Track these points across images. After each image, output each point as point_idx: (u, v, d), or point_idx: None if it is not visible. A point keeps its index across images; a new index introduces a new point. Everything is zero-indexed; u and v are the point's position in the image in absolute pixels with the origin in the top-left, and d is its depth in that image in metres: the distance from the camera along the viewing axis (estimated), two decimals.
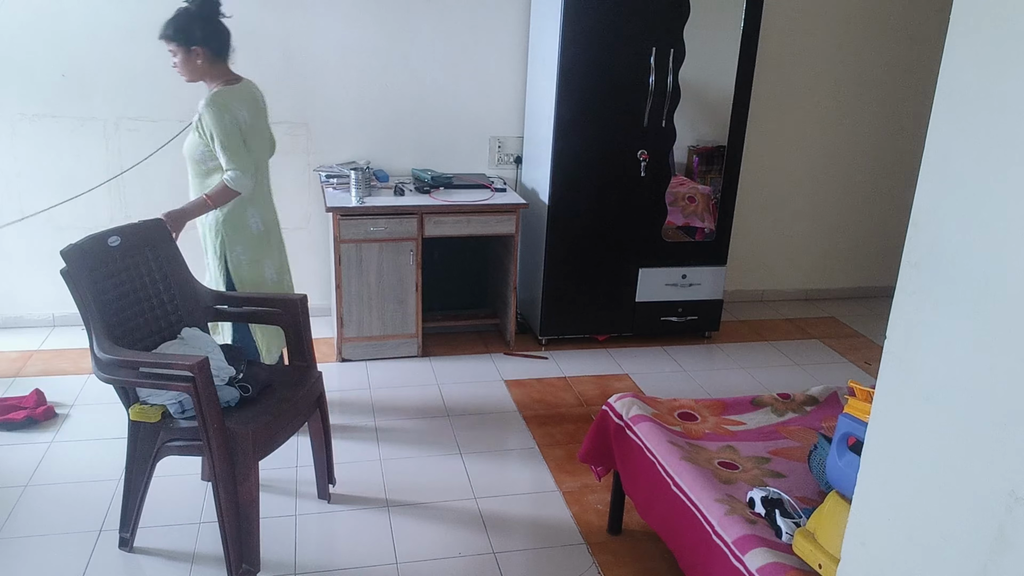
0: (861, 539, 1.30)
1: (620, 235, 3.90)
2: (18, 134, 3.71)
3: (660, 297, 4.05)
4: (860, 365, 4.03)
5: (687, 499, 2.09)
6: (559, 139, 3.70)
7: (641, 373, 3.81)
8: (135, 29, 3.66)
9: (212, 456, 2.18)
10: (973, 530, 1.07)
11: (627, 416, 2.44)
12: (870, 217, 4.87)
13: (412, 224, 3.62)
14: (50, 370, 3.56)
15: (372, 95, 3.99)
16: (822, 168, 4.69)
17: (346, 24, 3.86)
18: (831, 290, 5.00)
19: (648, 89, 3.67)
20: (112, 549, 2.44)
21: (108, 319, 2.28)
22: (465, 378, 3.69)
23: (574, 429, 3.25)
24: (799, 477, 2.19)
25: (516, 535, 2.60)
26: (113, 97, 3.75)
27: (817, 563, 1.76)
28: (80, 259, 2.25)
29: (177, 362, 2.15)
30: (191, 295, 2.59)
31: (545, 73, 3.76)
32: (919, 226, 1.15)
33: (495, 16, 4.00)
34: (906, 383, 1.18)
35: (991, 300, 1.04)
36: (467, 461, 3.00)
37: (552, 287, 3.93)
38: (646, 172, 3.81)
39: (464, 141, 4.17)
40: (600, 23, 3.56)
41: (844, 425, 1.83)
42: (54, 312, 4.00)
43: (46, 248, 3.76)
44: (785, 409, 2.59)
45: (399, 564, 2.43)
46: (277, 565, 2.40)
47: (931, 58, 4.57)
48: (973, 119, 1.06)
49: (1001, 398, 1.03)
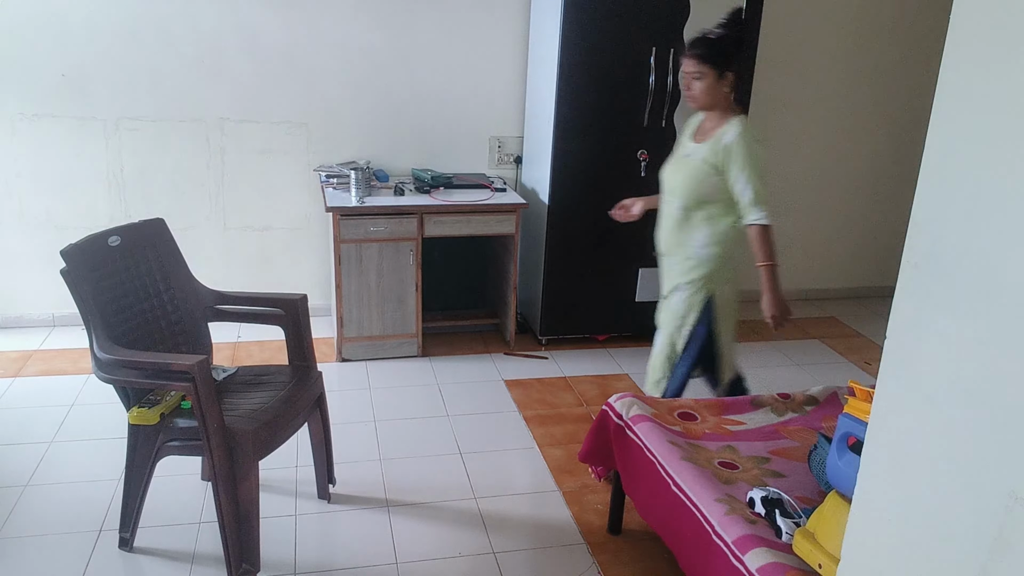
0: (861, 539, 1.30)
1: (620, 235, 3.90)
2: (18, 134, 3.71)
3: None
4: (860, 365, 4.03)
5: (687, 499, 2.09)
6: (559, 139, 3.69)
7: (641, 373, 3.78)
8: (135, 29, 3.67)
9: (212, 456, 2.18)
10: (973, 530, 1.07)
11: (627, 416, 2.44)
12: (870, 217, 4.87)
13: (412, 224, 3.62)
14: (50, 370, 3.56)
15: (372, 95, 3.99)
16: (822, 168, 4.69)
17: (346, 24, 3.86)
18: (831, 290, 5.00)
19: (648, 89, 3.67)
20: (112, 549, 2.44)
21: (108, 319, 2.28)
22: (465, 378, 3.69)
23: (574, 429, 3.25)
24: (799, 477, 2.19)
25: (516, 535, 2.60)
26: (113, 97, 3.75)
27: (817, 563, 1.76)
28: (80, 259, 2.25)
29: (177, 362, 2.15)
30: (191, 295, 2.59)
31: (545, 73, 3.76)
32: (919, 226, 1.15)
33: (495, 16, 4.00)
34: (906, 383, 1.18)
35: (991, 300, 1.04)
36: (467, 461, 3.00)
37: (552, 287, 3.93)
38: (646, 172, 3.81)
39: (464, 141, 4.17)
40: (600, 23, 3.56)
41: (844, 425, 1.83)
42: (54, 312, 4.00)
43: (46, 248, 3.76)
44: (785, 409, 2.59)
45: (399, 564, 2.43)
46: (277, 565, 2.40)
47: (931, 58, 4.57)
48: (973, 119, 1.06)
49: (1001, 398, 1.03)
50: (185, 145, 3.87)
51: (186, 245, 2.72)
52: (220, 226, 4.02)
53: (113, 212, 3.89)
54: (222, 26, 3.75)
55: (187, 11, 3.69)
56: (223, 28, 3.75)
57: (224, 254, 4.05)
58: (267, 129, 3.94)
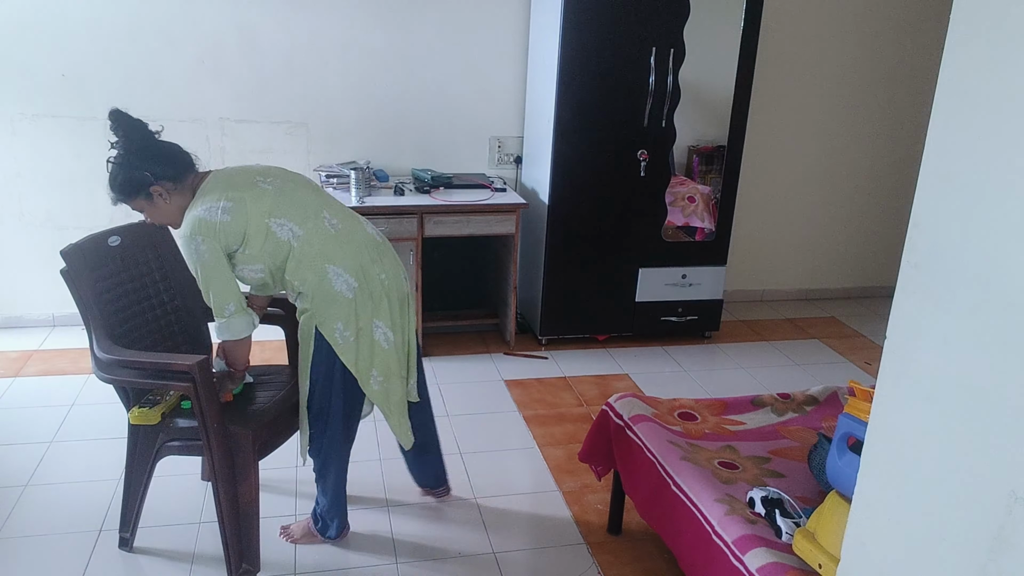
0: (861, 539, 1.30)
1: (620, 235, 3.90)
2: (18, 134, 3.71)
3: (660, 297, 4.05)
4: (860, 365, 4.03)
5: (687, 499, 2.09)
6: (559, 139, 3.70)
7: (641, 373, 3.81)
8: (135, 29, 3.67)
9: (212, 456, 2.18)
10: (973, 530, 1.07)
11: (627, 416, 2.44)
12: (870, 217, 4.87)
13: (412, 224, 3.62)
14: (50, 370, 3.56)
15: (372, 95, 3.99)
16: (822, 168, 4.69)
17: (346, 24, 3.86)
18: (831, 290, 5.00)
19: (648, 89, 3.67)
20: (112, 549, 2.43)
21: (108, 319, 2.28)
22: (465, 378, 3.68)
23: (574, 429, 3.25)
24: (799, 477, 2.19)
25: (516, 535, 2.60)
26: (113, 97, 3.74)
27: (817, 563, 1.76)
28: (80, 259, 2.25)
29: (177, 362, 2.15)
30: (191, 295, 2.58)
31: (545, 73, 3.76)
32: (919, 226, 1.15)
33: (495, 16, 4.00)
34: (906, 383, 1.18)
35: (991, 300, 1.04)
36: (467, 461, 3.00)
37: (552, 287, 3.93)
38: (646, 172, 3.81)
39: (464, 141, 4.17)
40: (600, 23, 3.56)
41: (844, 425, 1.83)
42: (54, 312, 4.00)
43: (46, 248, 3.76)
44: (785, 409, 2.59)
45: (399, 564, 2.43)
46: (277, 565, 2.40)
47: (931, 58, 4.58)
48: (973, 119, 1.06)
49: (1001, 398, 1.03)
50: (185, 145, 3.84)
51: None
52: None
53: (113, 212, 3.88)
54: (222, 26, 3.75)
55: (187, 11, 3.69)
56: (223, 28, 3.75)
57: None
58: (267, 129, 3.93)
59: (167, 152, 2.18)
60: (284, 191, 2.22)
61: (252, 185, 2.18)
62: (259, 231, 2.14)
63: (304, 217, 2.20)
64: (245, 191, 2.15)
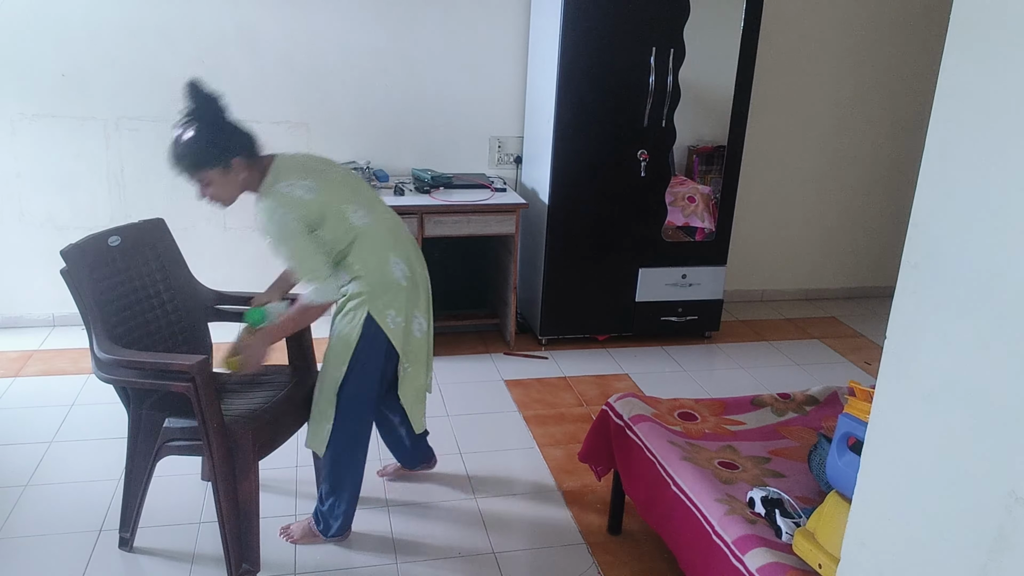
0: (861, 539, 1.30)
1: (620, 235, 3.90)
2: (18, 134, 3.71)
3: (660, 297, 4.05)
4: (860, 365, 4.03)
5: (687, 499, 2.09)
6: (559, 139, 3.70)
7: (641, 373, 3.81)
8: (135, 29, 3.67)
9: (212, 456, 2.18)
10: (973, 530, 1.07)
11: (627, 416, 2.44)
12: (870, 217, 4.87)
13: (412, 224, 3.62)
14: (50, 370, 3.56)
15: (372, 95, 3.99)
16: (822, 168, 4.69)
17: (346, 24, 3.86)
18: (831, 290, 5.00)
19: (648, 89, 3.67)
20: (112, 549, 2.43)
21: (108, 319, 2.28)
22: (465, 378, 3.68)
23: (574, 429, 3.25)
24: (799, 477, 2.19)
25: (516, 535, 2.60)
26: (113, 97, 3.75)
27: (817, 563, 1.76)
28: (80, 259, 2.25)
29: (177, 362, 2.15)
30: (191, 295, 2.59)
31: (545, 73, 3.76)
32: (919, 226, 1.15)
33: (495, 16, 4.00)
34: (906, 383, 1.18)
35: (991, 300, 1.04)
36: (467, 461, 3.00)
37: (552, 287, 3.93)
38: (646, 172, 3.81)
39: (464, 141, 4.17)
40: (600, 23, 3.56)
41: (844, 425, 1.83)
42: (54, 312, 4.00)
43: (46, 248, 3.76)
44: (785, 409, 2.59)
45: (399, 564, 2.43)
46: (277, 565, 2.40)
47: (931, 58, 4.58)
48: (973, 119, 1.06)
49: (1001, 398, 1.03)
50: None
51: (186, 245, 2.71)
52: (220, 226, 4.02)
53: (113, 212, 3.89)
54: (222, 26, 3.75)
55: (187, 11, 3.69)
56: (223, 28, 3.75)
57: (224, 254, 4.05)
58: (267, 129, 3.92)
59: (245, 128, 2.24)
60: (348, 180, 2.36)
61: (324, 172, 2.31)
62: (336, 215, 2.24)
63: (371, 206, 2.34)
64: (319, 177, 2.26)
